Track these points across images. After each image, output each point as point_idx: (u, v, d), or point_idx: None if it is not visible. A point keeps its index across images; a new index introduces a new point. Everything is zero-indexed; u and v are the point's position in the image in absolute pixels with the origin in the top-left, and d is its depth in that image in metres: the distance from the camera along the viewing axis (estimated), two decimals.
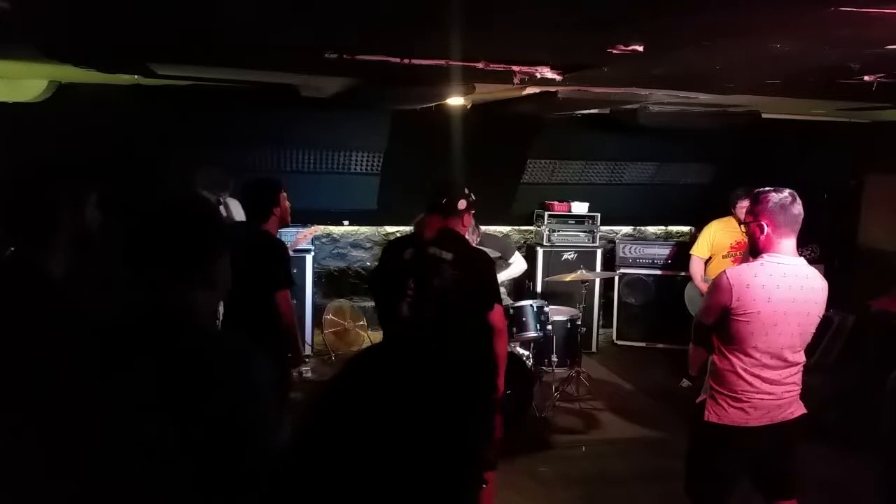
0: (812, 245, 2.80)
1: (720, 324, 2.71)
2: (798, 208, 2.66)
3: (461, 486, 0.89)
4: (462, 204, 3.30)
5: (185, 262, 1.50)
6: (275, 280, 3.47)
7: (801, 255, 2.74)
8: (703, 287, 5.16)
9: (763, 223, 2.65)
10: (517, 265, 5.41)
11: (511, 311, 4.84)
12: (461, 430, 0.88)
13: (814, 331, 2.74)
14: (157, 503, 1.37)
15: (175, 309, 1.47)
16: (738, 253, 5.10)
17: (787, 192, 2.67)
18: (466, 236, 3.49)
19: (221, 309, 3.53)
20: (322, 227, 6.41)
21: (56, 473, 1.38)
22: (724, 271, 2.72)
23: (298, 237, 5.78)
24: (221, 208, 4.43)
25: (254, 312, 3.37)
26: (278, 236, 3.72)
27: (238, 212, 4.57)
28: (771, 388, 2.69)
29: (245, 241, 3.37)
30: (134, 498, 1.36)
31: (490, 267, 3.38)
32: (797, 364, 2.74)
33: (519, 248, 7.07)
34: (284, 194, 3.67)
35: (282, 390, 3.34)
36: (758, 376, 2.67)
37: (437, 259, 3.12)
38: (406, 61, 2.81)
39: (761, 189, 2.72)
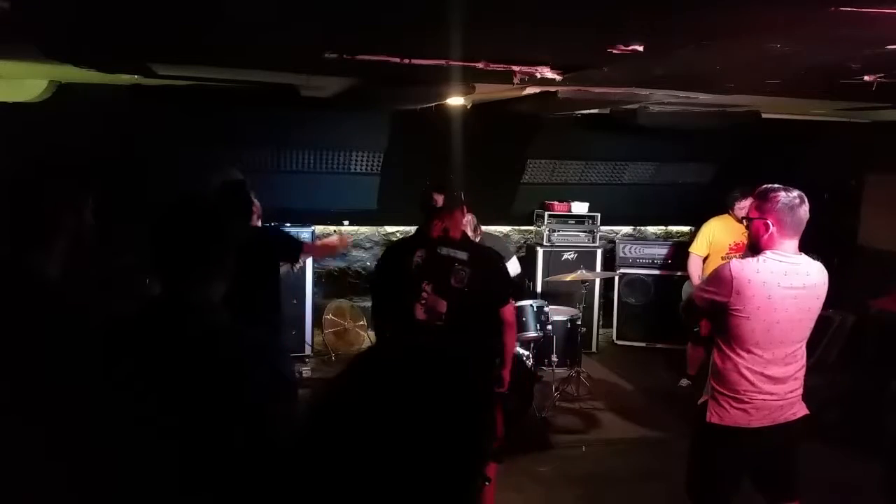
0: (812, 254, 2.78)
1: (720, 322, 2.71)
2: (805, 211, 2.64)
3: (464, 482, 0.89)
4: (439, 200, 3.18)
5: (195, 258, 1.52)
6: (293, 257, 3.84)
7: None
8: None
9: (769, 221, 2.63)
10: (511, 269, 5.41)
11: None
12: (466, 427, 0.88)
13: (813, 325, 2.74)
14: (167, 497, 1.38)
15: (183, 304, 1.49)
16: (736, 255, 5.09)
17: (796, 192, 2.64)
18: (469, 234, 3.49)
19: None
20: (321, 226, 6.41)
21: (65, 473, 1.38)
22: (729, 262, 2.70)
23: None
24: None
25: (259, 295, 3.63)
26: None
27: None
28: (774, 388, 2.68)
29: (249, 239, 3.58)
30: (144, 492, 1.37)
31: (502, 263, 3.40)
32: (799, 361, 2.74)
33: (519, 248, 7.08)
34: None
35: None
36: (760, 374, 2.67)
37: (453, 259, 3.12)
38: (406, 61, 2.80)
39: (770, 186, 2.68)
